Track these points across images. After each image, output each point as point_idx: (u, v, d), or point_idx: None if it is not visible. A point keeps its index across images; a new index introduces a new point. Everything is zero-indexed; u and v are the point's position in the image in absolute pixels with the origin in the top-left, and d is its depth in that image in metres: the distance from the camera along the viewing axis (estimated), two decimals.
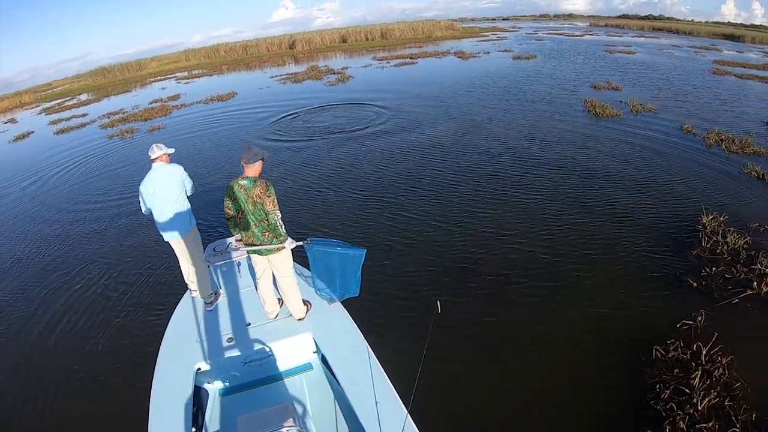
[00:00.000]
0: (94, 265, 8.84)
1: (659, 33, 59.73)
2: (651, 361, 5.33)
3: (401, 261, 7.77)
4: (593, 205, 9.36)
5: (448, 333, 5.96)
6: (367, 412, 3.72)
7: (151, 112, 22.72)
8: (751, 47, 43.99)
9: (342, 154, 13.57)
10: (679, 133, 13.95)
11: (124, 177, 13.92)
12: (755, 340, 5.63)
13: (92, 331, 6.88)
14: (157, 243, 8.92)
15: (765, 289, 6.42)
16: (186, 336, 4.92)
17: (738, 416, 4.55)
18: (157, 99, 27.24)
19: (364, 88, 24.20)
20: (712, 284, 6.66)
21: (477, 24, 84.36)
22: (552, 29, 66.54)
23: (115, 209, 11.49)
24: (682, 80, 22.73)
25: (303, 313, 4.90)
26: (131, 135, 18.66)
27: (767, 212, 8.88)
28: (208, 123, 19.65)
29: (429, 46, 45.18)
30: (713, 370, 5.02)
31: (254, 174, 4.56)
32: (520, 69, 27.50)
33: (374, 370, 4.16)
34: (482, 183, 10.70)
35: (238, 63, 47.75)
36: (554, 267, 7.34)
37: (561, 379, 5.24)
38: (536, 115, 16.65)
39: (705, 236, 7.85)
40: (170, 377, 4.30)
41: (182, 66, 51.58)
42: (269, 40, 57.39)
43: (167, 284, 7.77)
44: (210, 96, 25.28)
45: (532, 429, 4.70)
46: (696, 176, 10.69)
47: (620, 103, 17.67)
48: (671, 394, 4.82)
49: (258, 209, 4.49)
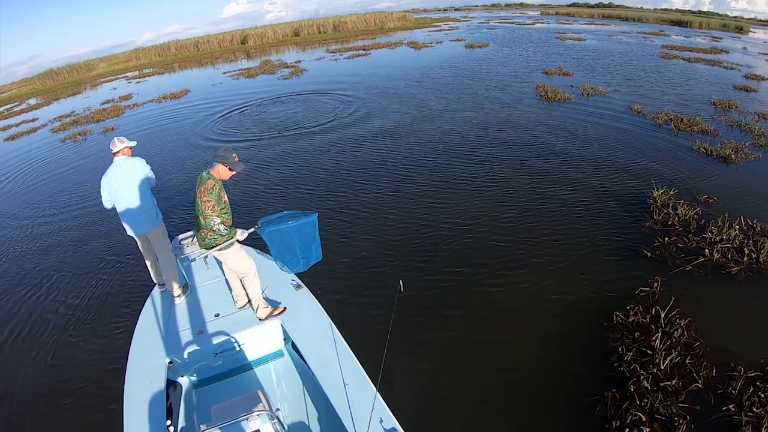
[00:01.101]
0: (54, 271, 8.39)
1: (609, 20, 61.71)
2: (612, 326, 5.56)
3: (363, 248, 7.77)
4: (548, 186, 9.63)
5: (412, 311, 6.01)
6: (337, 394, 3.81)
7: (103, 113, 22.00)
8: (698, 32, 46.20)
9: (293, 150, 13.34)
10: (629, 115, 14.55)
11: (79, 178, 13.25)
12: (711, 302, 5.97)
13: (59, 338, 6.53)
14: (118, 241, 8.68)
15: (717, 255, 6.80)
16: (156, 331, 4.91)
17: (699, 372, 4.81)
18: (108, 100, 26.38)
19: (317, 80, 24.03)
20: (666, 253, 7.01)
21: (429, 14, 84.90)
22: (503, 18, 67.76)
23: (70, 212, 10.91)
24: (631, 65, 23.66)
25: (265, 313, 4.84)
26: (84, 137, 18.05)
27: (715, 184, 9.42)
28: (161, 121, 19.10)
29: (382, 38, 45.29)
30: (672, 331, 5.28)
31: (215, 173, 4.51)
32: (473, 58, 27.92)
33: (342, 352, 4.25)
34: (439, 171, 10.79)
35: (189, 60, 46.66)
36: (515, 245, 7.54)
37: (527, 349, 5.39)
38: (490, 102, 16.91)
39: (656, 209, 8.26)
40: (142, 372, 4.30)
41: (133, 65, 49.99)
42: (221, 36, 56.33)
43: (134, 281, 7.56)
44: (162, 94, 24.73)
45: (501, 397, 4.81)
46: (646, 154, 11.17)
47: (572, 88, 18.23)
48: (634, 355, 5.05)
49: (198, 204, 4.45)
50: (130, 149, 5.41)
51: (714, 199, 8.67)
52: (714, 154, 10.83)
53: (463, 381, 5.03)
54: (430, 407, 4.76)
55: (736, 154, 10.71)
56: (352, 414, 3.60)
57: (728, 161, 10.48)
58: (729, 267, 6.60)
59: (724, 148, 11.01)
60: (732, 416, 4.39)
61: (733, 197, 8.81)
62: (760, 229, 7.46)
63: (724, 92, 17.30)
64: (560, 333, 5.59)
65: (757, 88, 18.19)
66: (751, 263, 6.66)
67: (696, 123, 13.06)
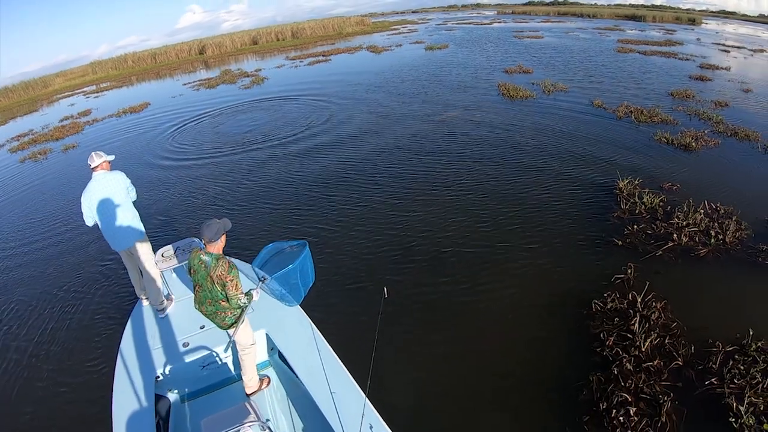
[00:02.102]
0: (34, 292, 8.09)
1: (564, 17, 63.80)
2: (592, 314, 5.80)
3: (342, 260, 7.75)
4: (517, 184, 9.87)
5: (397, 316, 6.10)
6: (326, 402, 3.84)
7: (63, 131, 21.36)
8: (653, 26, 48.42)
9: (253, 162, 13.09)
10: (591, 108, 15.11)
11: (45, 198, 12.71)
12: (683, 284, 6.31)
13: (40, 362, 6.31)
14: (90, 255, 8.60)
15: (685, 239, 7.17)
16: (141, 345, 4.88)
17: (679, 351, 5.09)
18: (67, 116, 25.65)
19: (278, 89, 23.93)
20: (636, 241, 7.35)
21: (387, 18, 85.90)
22: (461, 19, 69.04)
23: (42, 233, 10.43)
24: (589, 60, 24.57)
25: (254, 388, 4.67)
26: (44, 156, 17.48)
27: (677, 172, 9.90)
28: (123, 136, 18.65)
29: (341, 43, 45.57)
30: (650, 314, 5.56)
31: (217, 251, 4.22)
32: (434, 59, 28.40)
33: (329, 360, 4.29)
34: (407, 179, 10.76)
35: (147, 72, 45.85)
36: (491, 241, 7.73)
37: (512, 345, 5.55)
38: (453, 105, 17.13)
39: (623, 199, 8.63)
40: (129, 389, 4.27)
41: (90, 80, 48.85)
42: (178, 46, 55.64)
43: (114, 297, 7.41)
44: (122, 108, 24.18)
45: (489, 393, 4.94)
46: (610, 146, 11.64)
47: (533, 85, 18.80)
48: (615, 340, 5.27)
49: (216, 289, 4.18)
50: (108, 163, 5.37)
51: (678, 186, 9.10)
52: (675, 143, 11.36)
53: (452, 380, 5.13)
54: (420, 408, 4.84)
55: (696, 142, 11.26)
56: (342, 421, 3.64)
57: (689, 149, 11.01)
58: (697, 250, 6.97)
59: (685, 136, 11.56)
60: (715, 389, 4.67)
61: (695, 183, 9.27)
62: (723, 212, 7.90)
63: (681, 83, 18.18)
64: (543, 326, 5.78)
65: (712, 77, 19.18)
66: (718, 245, 7.06)
67: (656, 114, 13.66)
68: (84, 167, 5.51)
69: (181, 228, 9.35)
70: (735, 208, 7.98)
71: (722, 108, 14.56)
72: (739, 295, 6.11)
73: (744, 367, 4.82)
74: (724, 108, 14.60)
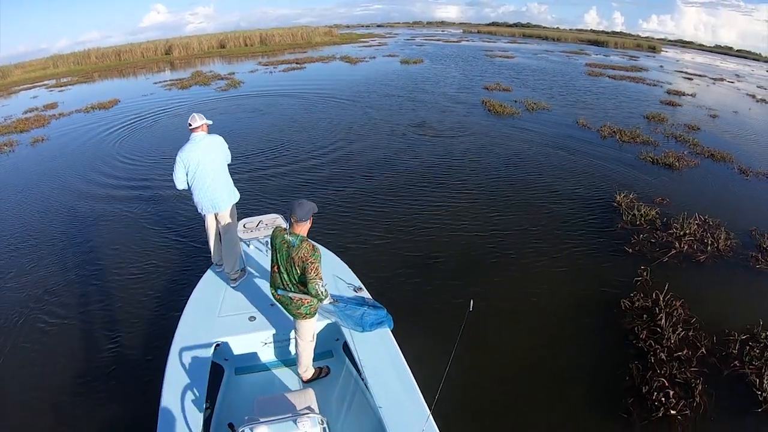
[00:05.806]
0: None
1: (530, 39, 66.28)
2: (622, 312, 6.47)
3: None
4: (530, 197, 10.36)
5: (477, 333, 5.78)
6: (387, 407, 3.69)
7: (27, 123, 20.50)
8: (615, 51, 51.37)
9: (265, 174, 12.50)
10: (577, 127, 16.15)
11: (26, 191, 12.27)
12: (691, 285, 7.10)
13: (107, 310, 6.71)
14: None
15: (685, 246, 8.06)
16: (208, 311, 4.93)
17: (701, 342, 5.84)
18: (31, 108, 24.64)
19: (258, 93, 23.79)
20: (643, 249, 8.14)
21: (353, 30, 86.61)
22: (428, 36, 70.63)
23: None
24: (564, 81, 26.00)
25: (308, 377, 4.65)
26: (11, 148, 16.88)
27: (666, 188, 10.92)
28: (98, 132, 18.16)
29: (311, 52, 45.76)
30: (672, 311, 6.29)
31: (303, 233, 4.13)
32: (412, 73, 29.07)
33: (398, 364, 4.13)
34: (423, 193, 10.76)
35: (111, 70, 44.60)
36: (519, 250, 8.16)
37: (555, 345, 5.99)
38: (445, 119, 17.12)
39: (623, 212, 9.42)
40: (188, 351, 4.27)
41: (51, 73, 46.93)
42: (144, 45, 54.24)
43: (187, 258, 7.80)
44: (90, 104, 23.40)
45: (541, 392, 5.33)
46: (601, 163, 12.57)
47: (515, 103, 19.56)
48: (647, 334, 5.96)
49: (295, 271, 4.10)
50: (207, 126, 5.39)
51: (667, 200, 10.05)
52: (660, 162, 12.45)
53: (516, 402, 5.18)
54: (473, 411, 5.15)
55: (679, 162, 12.39)
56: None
57: (673, 168, 12.12)
58: (697, 256, 7.85)
59: (668, 156, 12.66)
60: (738, 370, 5.46)
61: (682, 198, 10.25)
62: (712, 224, 8.84)
63: (654, 107, 19.67)
64: (580, 323, 6.34)
65: (680, 103, 20.84)
66: (713, 251, 7.97)
67: (637, 135, 14.80)
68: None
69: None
70: (721, 220, 8.90)
71: (695, 131, 15.95)
72: (741, 294, 7.05)
73: (758, 350, 5.66)
74: (697, 131, 16.01)
